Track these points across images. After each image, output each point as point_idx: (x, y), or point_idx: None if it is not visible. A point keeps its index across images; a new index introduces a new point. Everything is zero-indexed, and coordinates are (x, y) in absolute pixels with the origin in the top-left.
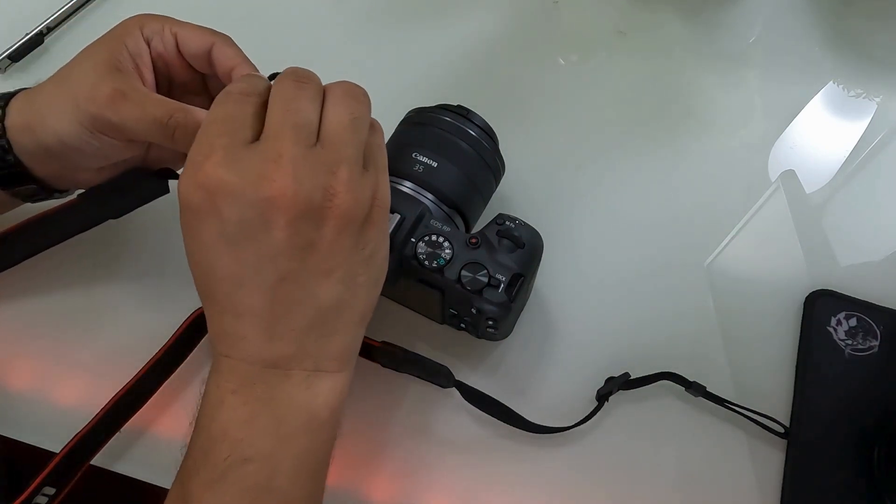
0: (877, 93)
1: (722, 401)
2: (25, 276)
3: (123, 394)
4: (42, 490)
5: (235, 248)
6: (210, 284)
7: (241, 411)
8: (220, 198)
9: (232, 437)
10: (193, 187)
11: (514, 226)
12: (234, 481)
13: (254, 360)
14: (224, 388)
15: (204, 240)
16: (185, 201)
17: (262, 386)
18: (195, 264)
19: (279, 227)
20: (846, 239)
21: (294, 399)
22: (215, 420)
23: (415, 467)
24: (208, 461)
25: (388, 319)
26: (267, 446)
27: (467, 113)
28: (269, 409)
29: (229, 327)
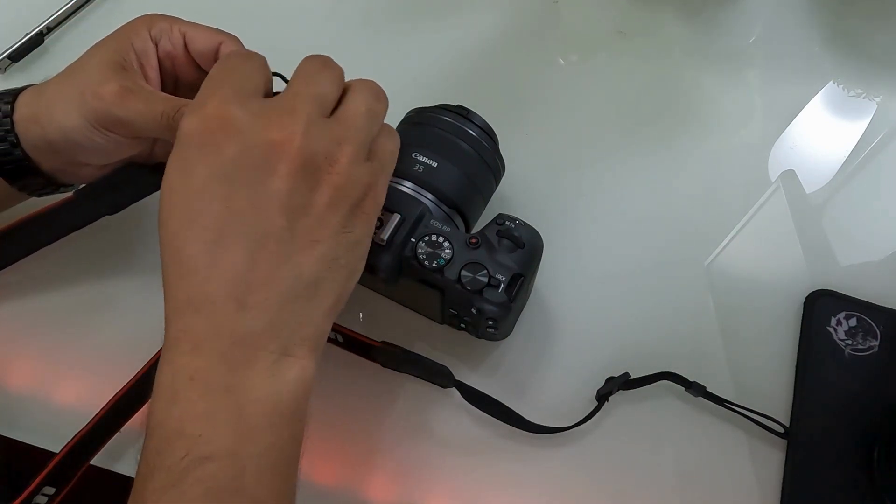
0: (877, 93)
1: (722, 401)
2: (22, 275)
3: (123, 394)
4: (42, 490)
5: (229, 189)
6: (185, 236)
7: (197, 404)
8: (224, 132)
9: (188, 434)
10: (197, 119)
11: (514, 226)
12: (193, 483)
13: (219, 332)
14: (179, 376)
15: (195, 178)
16: (184, 134)
17: (222, 371)
18: (173, 210)
19: (280, 175)
20: (846, 239)
21: (257, 389)
22: (169, 416)
23: (415, 467)
24: (163, 463)
25: (388, 319)
26: (228, 443)
27: (467, 113)
28: (230, 401)
29: (196, 290)
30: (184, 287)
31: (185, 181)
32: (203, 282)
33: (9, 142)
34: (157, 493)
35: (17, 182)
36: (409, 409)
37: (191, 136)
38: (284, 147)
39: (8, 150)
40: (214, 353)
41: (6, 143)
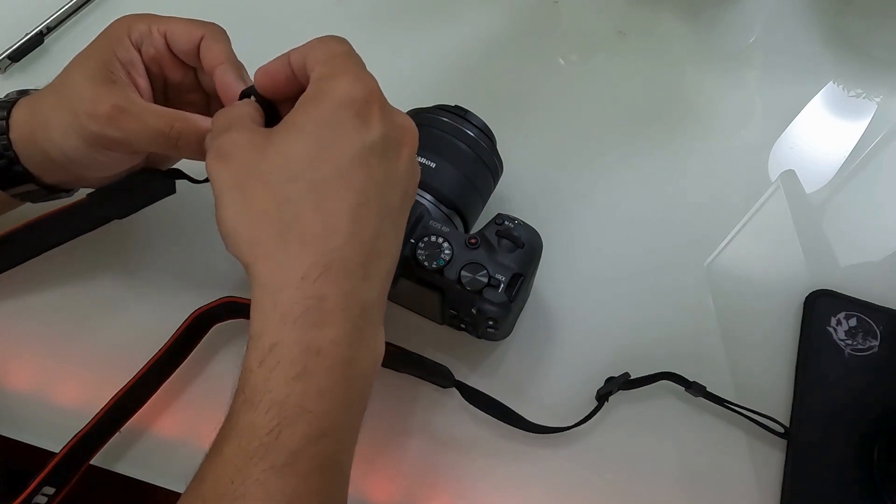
0: (877, 93)
1: (722, 401)
2: (26, 276)
3: (123, 394)
4: (42, 490)
5: (374, 160)
6: (334, 193)
7: (322, 380)
8: (378, 106)
9: (311, 412)
10: (360, 88)
11: (514, 226)
12: (306, 460)
13: (350, 301)
14: (309, 350)
15: (349, 143)
16: (343, 98)
17: (347, 343)
18: (320, 164)
19: (405, 157)
20: (846, 239)
21: (364, 362)
22: (292, 392)
23: (415, 467)
24: (281, 441)
25: (389, 320)
26: (340, 418)
27: (465, 113)
28: (346, 375)
29: (336, 255)
30: (321, 248)
31: (337, 140)
32: (343, 245)
33: (7, 158)
34: (270, 471)
35: (16, 192)
36: (409, 409)
37: (351, 102)
38: (409, 136)
39: (7, 166)
40: (346, 324)
41: (4, 158)
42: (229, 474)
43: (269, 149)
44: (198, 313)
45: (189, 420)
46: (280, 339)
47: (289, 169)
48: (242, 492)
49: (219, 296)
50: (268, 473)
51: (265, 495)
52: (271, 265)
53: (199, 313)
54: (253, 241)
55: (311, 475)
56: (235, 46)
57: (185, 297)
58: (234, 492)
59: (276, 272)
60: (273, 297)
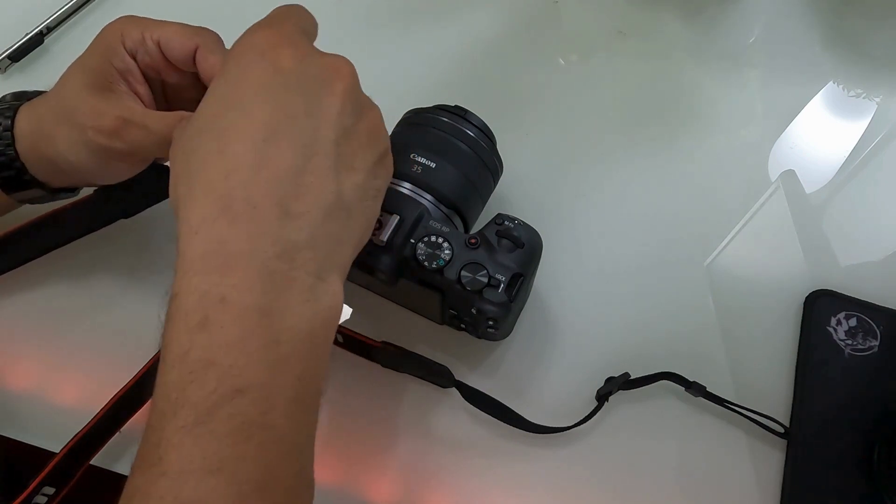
0: (877, 93)
1: (722, 401)
2: (27, 275)
3: (123, 393)
4: (42, 490)
5: (285, 94)
6: (233, 133)
7: (230, 330)
8: (288, 47)
9: (219, 364)
10: (262, 32)
11: (514, 226)
12: (222, 419)
13: (258, 243)
14: (209, 297)
15: (251, 79)
16: (245, 42)
17: (259, 290)
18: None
19: (335, 92)
20: (846, 239)
21: (293, 314)
22: (195, 345)
23: (415, 467)
24: (188, 398)
25: (388, 320)
26: (261, 374)
27: (465, 113)
28: (264, 327)
29: (237, 193)
30: (222, 188)
31: (240, 82)
32: (246, 182)
33: (15, 168)
34: (182, 432)
35: (23, 196)
36: (409, 409)
37: (253, 44)
38: (341, 70)
39: (14, 176)
40: (253, 267)
41: (12, 169)
42: (150, 438)
43: (193, 116)
44: None
45: None
46: (179, 287)
47: (200, 125)
48: (159, 454)
49: None
50: (181, 433)
51: (180, 456)
52: (181, 216)
53: None
54: (174, 200)
55: (237, 439)
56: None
57: None
58: (152, 455)
59: (183, 221)
60: (179, 245)
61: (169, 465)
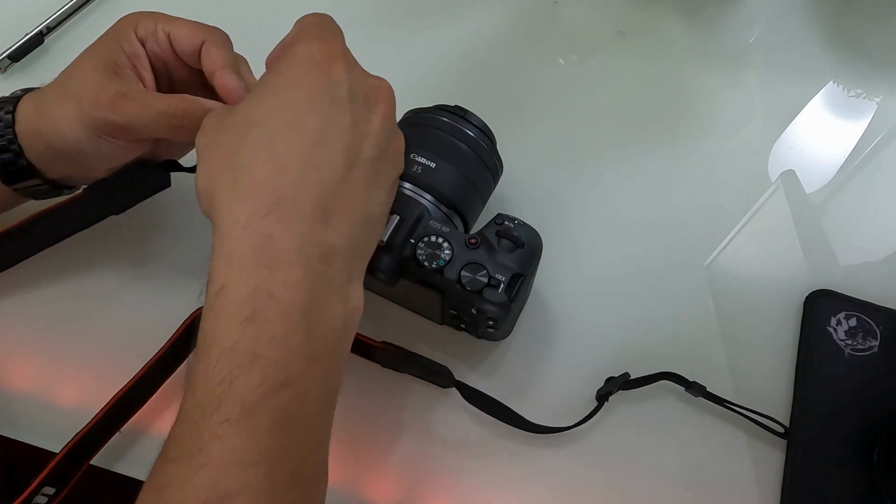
0: (877, 93)
1: (722, 401)
2: (24, 275)
3: (124, 393)
4: (42, 490)
5: (336, 108)
6: (289, 134)
7: (276, 325)
8: (340, 62)
9: (267, 359)
10: (317, 45)
11: (514, 226)
12: (266, 413)
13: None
14: (258, 292)
15: (305, 89)
16: (299, 54)
17: (304, 288)
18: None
19: (379, 112)
20: (846, 239)
21: (329, 312)
22: (243, 337)
23: (415, 467)
24: (234, 392)
25: (388, 320)
26: (301, 368)
27: (465, 113)
28: (306, 323)
29: (287, 193)
30: (270, 187)
31: (294, 86)
32: (296, 185)
33: (12, 151)
34: (226, 425)
35: (20, 186)
36: (409, 409)
37: (308, 56)
38: (382, 96)
39: (12, 160)
40: (299, 265)
41: (10, 152)
42: (187, 430)
43: (234, 111)
44: (198, 313)
45: None
46: (228, 280)
47: (247, 122)
48: (199, 446)
49: None
50: (225, 426)
51: (222, 448)
52: (224, 209)
53: (199, 313)
54: (211, 193)
55: (275, 431)
56: (236, 49)
57: (185, 296)
58: (192, 447)
59: (228, 215)
60: (223, 239)
61: (210, 457)
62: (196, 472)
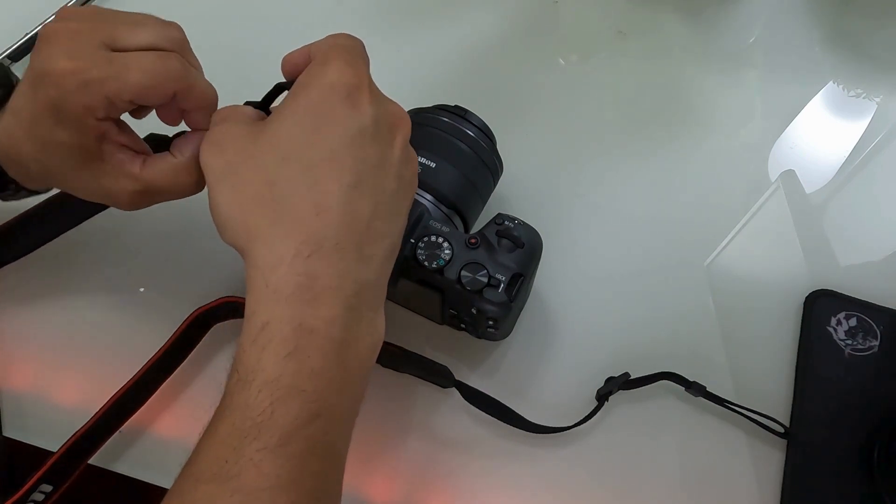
0: (877, 93)
1: (722, 401)
2: (21, 274)
3: (123, 393)
4: (39, 487)
5: (367, 143)
6: (327, 173)
7: (315, 359)
8: (368, 93)
9: (305, 391)
10: (350, 74)
11: (514, 226)
12: (300, 441)
13: (344, 281)
14: (303, 328)
15: (339, 126)
16: (332, 83)
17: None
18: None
19: (398, 144)
20: (846, 239)
21: (360, 344)
22: (285, 371)
23: (414, 467)
24: (273, 421)
25: (388, 320)
26: (333, 399)
27: (465, 113)
28: (341, 357)
29: (328, 232)
30: (313, 227)
31: (327, 122)
32: (336, 224)
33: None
34: (263, 452)
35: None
36: (409, 408)
37: (340, 87)
38: (402, 123)
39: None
40: (340, 304)
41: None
42: (223, 454)
43: (261, 135)
44: (198, 313)
45: (188, 420)
46: (272, 316)
47: (281, 151)
48: (237, 471)
49: (219, 296)
50: (262, 454)
51: (258, 475)
52: (264, 245)
53: (199, 313)
54: (247, 225)
55: (306, 457)
56: (235, 46)
57: (185, 296)
58: (228, 471)
59: (269, 252)
60: (265, 275)
61: (245, 482)
62: (231, 495)
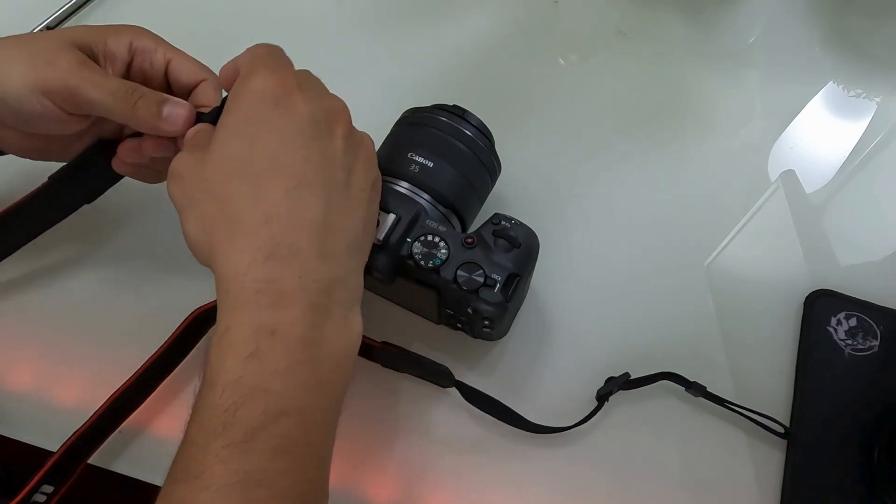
0: (877, 93)
1: (722, 401)
2: (12, 273)
3: (122, 392)
4: (40, 488)
5: (304, 141)
6: (267, 183)
7: (279, 359)
8: (298, 93)
9: (267, 390)
10: (273, 80)
11: (510, 225)
12: (267, 438)
13: (306, 281)
14: (261, 331)
15: (274, 127)
16: (257, 91)
17: (306, 323)
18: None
19: (339, 135)
20: (846, 239)
21: (331, 343)
22: (248, 372)
23: (415, 467)
24: (237, 420)
25: (385, 319)
26: (304, 398)
27: (463, 113)
28: (309, 356)
29: (281, 238)
30: (266, 234)
31: (262, 130)
32: (287, 228)
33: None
34: (229, 448)
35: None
36: (409, 408)
37: (266, 93)
38: (339, 113)
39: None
40: (302, 303)
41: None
42: (193, 453)
43: (208, 158)
44: (197, 313)
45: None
46: (233, 321)
47: (226, 170)
48: (203, 469)
49: None
50: (228, 450)
51: (225, 471)
52: (224, 260)
53: (199, 313)
54: (210, 245)
55: (276, 454)
56: (237, 49)
57: (185, 296)
58: (196, 469)
59: (228, 264)
60: (226, 286)
61: (213, 479)
62: (200, 492)
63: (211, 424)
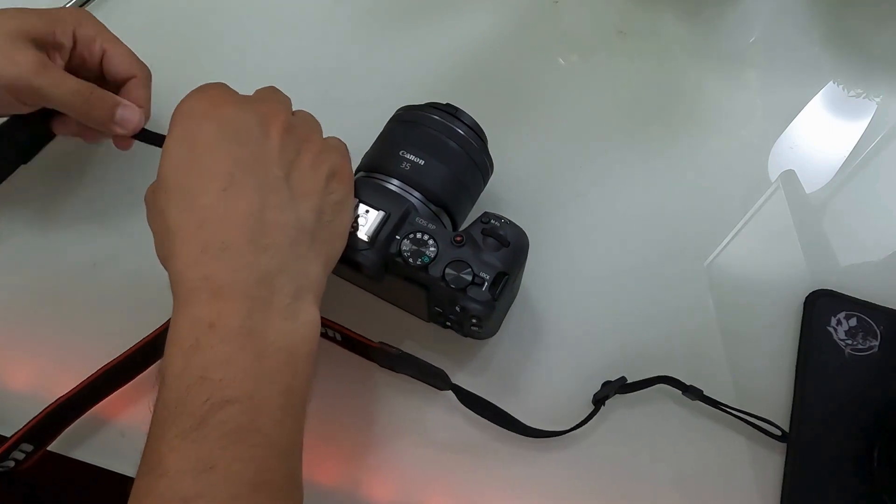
0: (877, 93)
1: (719, 405)
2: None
3: (112, 366)
4: (20, 446)
5: (233, 146)
6: (198, 189)
7: (219, 350)
8: (226, 106)
9: (210, 379)
10: (201, 97)
11: (500, 224)
12: (215, 426)
13: (240, 274)
14: (199, 325)
15: (202, 140)
16: (188, 108)
17: (244, 313)
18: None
19: (272, 136)
20: (846, 239)
21: (275, 331)
22: (190, 365)
23: (410, 469)
24: (184, 409)
25: (376, 317)
26: (248, 385)
27: (456, 111)
28: (250, 345)
29: (215, 237)
30: (200, 237)
31: (193, 144)
32: (220, 228)
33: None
34: (179, 437)
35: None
36: (406, 409)
37: (195, 109)
38: (274, 117)
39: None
40: (237, 295)
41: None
42: (151, 445)
43: (156, 182)
44: None
45: None
46: (175, 318)
47: (165, 188)
48: (158, 459)
49: None
50: (179, 439)
51: (179, 458)
52: (171, 270)
53: None
54: (163, 260)
55: (228, 442)
56: (236, 47)
57: None
58: (153, 459)
59: (173, 272)
60: (174, 290)
61: (168, 467)
62: (157, 480)
63: (163, 416)
